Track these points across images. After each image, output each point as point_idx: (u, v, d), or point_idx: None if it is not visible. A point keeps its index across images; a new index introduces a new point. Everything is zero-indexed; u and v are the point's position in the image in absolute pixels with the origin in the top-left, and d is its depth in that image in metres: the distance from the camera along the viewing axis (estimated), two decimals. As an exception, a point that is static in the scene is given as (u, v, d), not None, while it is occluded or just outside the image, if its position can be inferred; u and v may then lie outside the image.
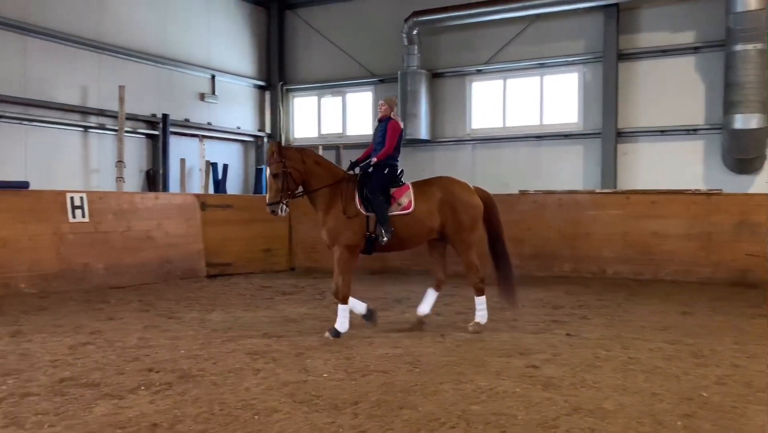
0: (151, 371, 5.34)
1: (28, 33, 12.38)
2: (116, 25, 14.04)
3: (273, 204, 6.62)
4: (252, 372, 5.31)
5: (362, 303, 7.08)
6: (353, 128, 17.69)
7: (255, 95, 18.01)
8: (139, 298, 9.42)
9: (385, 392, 4.76)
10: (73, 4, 13.23)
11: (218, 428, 4.01)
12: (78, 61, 13.32)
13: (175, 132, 15.18)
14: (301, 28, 18.06)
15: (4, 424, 4.07)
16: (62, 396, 4.64)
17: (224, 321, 7.62)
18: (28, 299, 9.02)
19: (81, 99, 13.45)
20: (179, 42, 15.50)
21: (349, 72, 17.27)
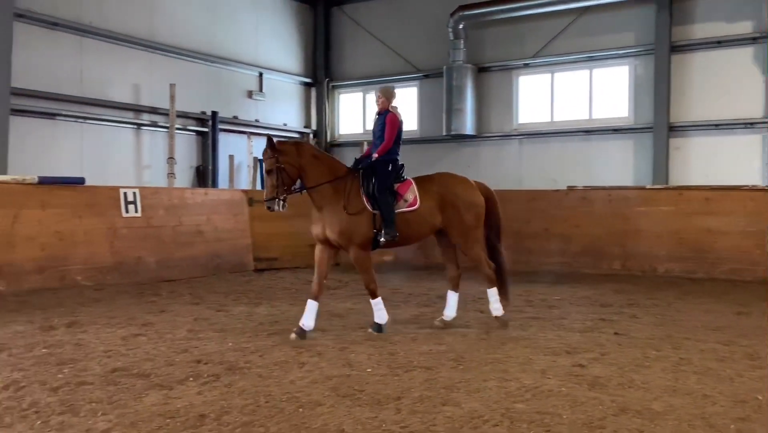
0: (199, 363, 5.47)
1: (85, 34, 12.80)
2: (167, 25, 14.38)
3: (269, 200, 6.44)
4: (297, 365, 5.38)
5: (313, 319, 6.53)
6: (398, 124, 17.67)
7: (301, 92, 18.19)
8: (189, 291, 9.64)
9: (427, 388, 4.76)
10: (127, 4, 13.61)
11: (263, 420, 4.08)
12: (131, 61, 13.70)
13: (224, 129, 15.48)
14: (346, 25, 18.15)
15: (60, 411, 4.23)
16: (114, 385, 4.79)
17: (271, 315, 7.74)
18: (83, 291, 9.34)
19: (134, 97, 13.83)
20: (228, 40, 15.78)
21: (394, 68, 17.26)
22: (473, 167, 16.25)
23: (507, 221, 13.05)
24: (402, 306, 8.44)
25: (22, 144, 11.52)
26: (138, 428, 3.93)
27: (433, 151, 16.77)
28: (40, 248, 9.59)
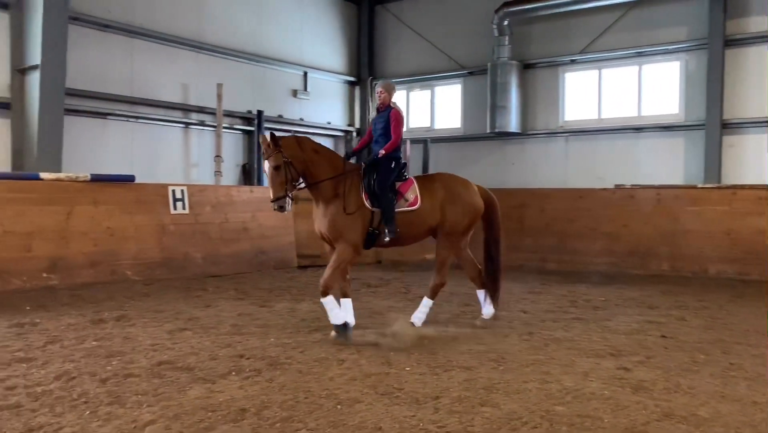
0: (242, 358, 5.56)
1: (135, 35, 13.15)
2: (215, 26, 14.65)
3: (279, 199, 6.06)
4: (337, 362, 5.42)
5: (348, 314, 6.45)
6: (441, 122, 17.62)
7: (345, 91, 18.29)
8: (234, 286, 9.81)
9: (467, 388, 4.73)
10: (176, 6, 13.92)
11: (302, 416, 4.13)
12: (180, 61, 14.02)
13: (269, 127, 15.66)
14: (390, 23, 18.17)
15: (108, 402, 4.37)
16: (160, 378, 4.92)
17: (312, 311, 7.81)
18: (133, 286, 9.61)
19: (182, 97, 14.15)
20: (273, 40, 15.98)
21: (438, 65, 17.20)
22: (518, 165, 16.09)
23: (552, 220, 13.07)
24: (443, 305, 8.39)
25: (76, 143, 11.92)
26: (181, 421, 4.03)
27: (476, 149, 16.65)
28: (92, 243, 9.91)
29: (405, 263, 12.85)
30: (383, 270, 12.18)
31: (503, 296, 7.48)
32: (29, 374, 4.97)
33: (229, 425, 3.98)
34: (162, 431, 3.87)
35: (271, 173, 6.07)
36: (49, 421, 3.99)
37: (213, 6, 14.65)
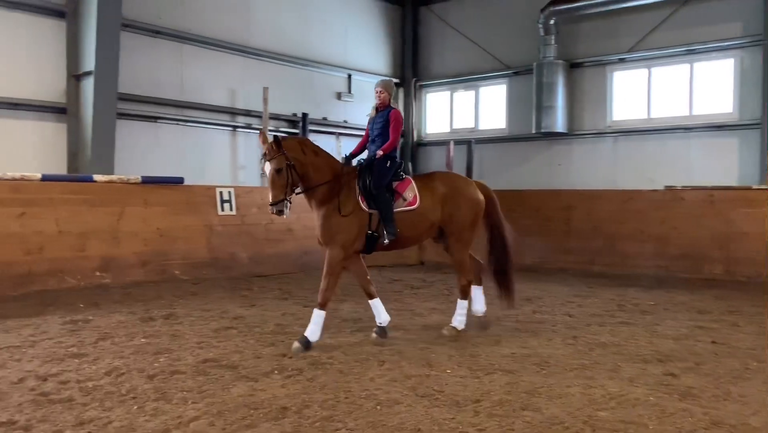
0: (284, 357, 5.64)
1: (185, 41, 13.46)
2: (261, 30, 14.89)
3: (278, 203, 5.85)
4: (377, 363, 5.44)
5: (381, 314, 6.46)
6: (486, 122, 17.47)
7: (389, 92, 18.31)
8: (279, 286, 9.96)
9: (508, 392, 4.69)
10: (224, 12, 14.20)
11: (342, 416, 4.16)
12: (227, 65, 14.29)
13: (314, 130, 15.83)
14: (434, 24, 18.12)
15: (155, 397, 4.50)
16: (205, 376, 5.04)
17: (354, 312, 7.86)
18: (181, 285, 9.85)
19: (230, 100, 14.42)
20: (318, 43, 16.14)
21: (483, 65, 17.06)
22: (564, 166, 15.82)
23: (600, 221, 12.81)
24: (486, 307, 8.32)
25: (128, 146, 12.28)
26: (224, 418, 4.11)
27: (522, 150, 16.45)
28: (142, 243, 10.21)
29: (448, 265, 12.76)
30: (426, 272, 12.16)
31: (551, 298, 7.36)
32: (81, 370, 5.16)
33: (270, 422, 4.04)
34: (206, 427, 3.96)
35: (272, 176, 5.87)
36: (99, 415, 4.13)
37: (260, 11, 14.89)
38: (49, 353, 5.68)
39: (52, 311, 7.58)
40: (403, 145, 18.31)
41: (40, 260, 8.99)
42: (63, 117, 11.65)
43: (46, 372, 5.06)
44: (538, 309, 8.26)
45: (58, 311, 7.59)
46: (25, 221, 8.90)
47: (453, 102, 18.08)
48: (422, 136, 18.61)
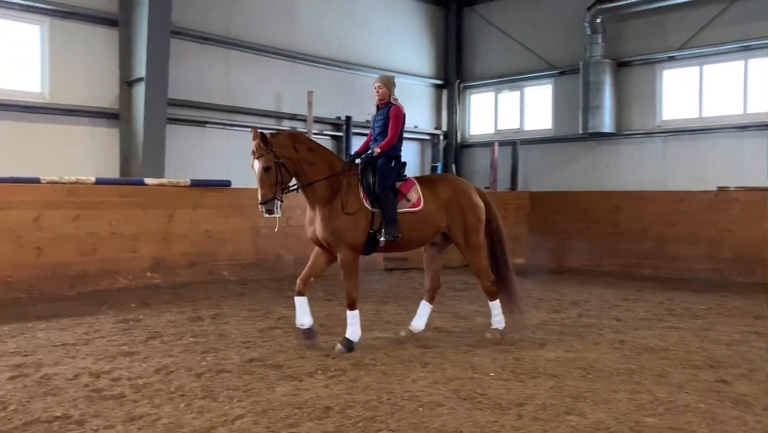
0: (328, 357, 5.70)
1: (232, 46, 13.74)
2: (306, 35, 15.07)
3: (268, 202, 5.68)
4: (420, 365, 5.44)
5: (308, 315, 6.14)
6: (531, 123, 17.27)
7: (432, 94, 18.31)
8: (323, 288, 10.04)
9: (552, 396, 4.63)
10: (269, 17, 14.44)
11: (384, 417, 4.18)
12: (273, 70, 14.52)
13: (357, 133, 15.93)
14: (478, 25, 18.02)
15: (202, 395, 4.60)
16: (250, 375, 5.13)
17: (397, 313, 7.88)
18: (229, 285, 10.05)
19: (275, 104, 14.64)
20: (361, 46, 16.24)
21: (528, 66, 16.88)
22: (612, 166, 15.51)
23: (649, 223, 12.51)
24: (531, 311, 8.22)
25: (177, 150, 12.61)
26: (268, 416, 4.18)
27: (568, 151, 16.20)
28: (191, 245, 10.46)
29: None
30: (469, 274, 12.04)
31: (599, 302, 7.23)
32: (132, 367, 5.32)
33: (313, 422, 4.09)
34: (250, 425, 4.04)
35: (260, 174, 5.68)
36: (149, 412, 4.25)
37: (304, 16, 15.08)
38: (102, 350, 5.88)
39: (105, 310, 7.84)
40: (447, 146, 18.27)
41: (93, 261, 9.30)
42: (115, 122, 12.04)
43: (99, 369, 5.23)
44: (584, 313, 8.12)
45: (110, 310, 7.84)
46: (80, 223, 9.22)
47: (498, 103, 17.93)
48: (466, 137, 18.52)
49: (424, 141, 18.21)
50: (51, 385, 4.81)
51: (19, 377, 4.98)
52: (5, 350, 5.84)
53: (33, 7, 11.01)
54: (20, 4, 10.85)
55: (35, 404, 4.37)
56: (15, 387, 4.74)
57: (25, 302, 8.16)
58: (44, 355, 5.69)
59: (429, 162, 18.14)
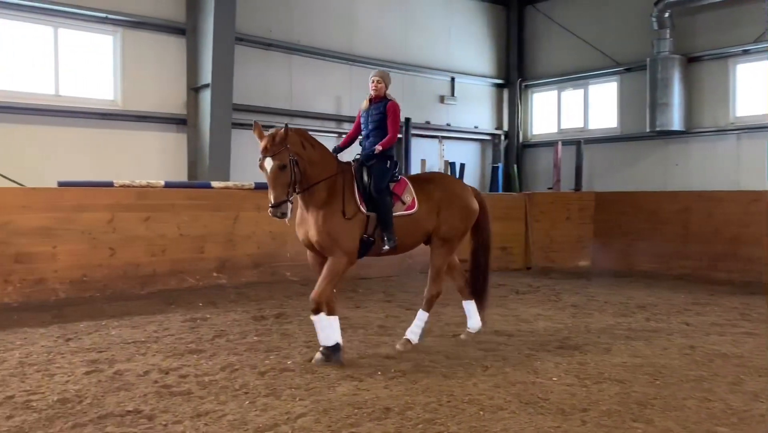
0: (387, 358, 5.72)
1: (294, 52, 13.99)
2: (365, 38, 15.19)
3: (281, 204, 5.25)
4: (481, 368, 5.39)
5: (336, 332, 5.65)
6: (596, 122, 16.84)
7: (493, 94, 18.11)
8: (382, 289, 10.11)
9: (618, 402, 4.50)
10: (330, 22, 14.63)
11: (444, 419, 4.16)
12: (333, 74, 14.69)
13: (416, 134, 15.94)
14: (540, 23, 17.72)
15: (265, 393, 4.70)
16: (312, 374, 5.21)
17: (457, 316, 7.81)
18: (291, 286, 10.22)
19: (335, 108, 14.82)
20: (421, 48, 16.24)
21: (592, 63, 16.47)
22: (682, 166, 14.96)
23: (721, 224, 11.99)
24: (596, 314, 8.05)
25: (242, 153, 12.90)
26: (329, 415, 4.23)
27: (635, 150, 15.72)
28: (255, 246, 10.70)
29: (556, 270, 12.46)
30: (533, 276, 11.90)
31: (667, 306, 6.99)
32: (199, 365, 5.49)
33: (373, 422, 4.12)
34: (312, 424, 4.10)
35: (274, 174, 5.27)
36: (214, 408, 4.38)
37: (363, 19, 15.20)
38: (170, 348, 6.09)
39: (174, 309, 8.12)
40: (508, 146, 18.04)
41: (162, 261, 9.63)
42: (183, 128, 12.46)
43: (168, 366, 5.43)
44: (652, 317, 7.86)
45: (179, 309, 8.11)
46: (150, 224, 9.57)
47: (561, 101, 17.58)
48: (528, 137, 18.23)
49: (484, 141, 18.04)
50: (123, 380, 5.02)
51: (93, 373, 5.22)
52: (81, 346, 6.14)
53: (107, 19, 11.53)
54: (96, 16, 11.38)
55: (109, 399, 4.57)
56: (90, 382, 4.97)
57: (99, 300, 8.53)
58: (117, 351, 5.94)
59: (489, 163, 17.96)
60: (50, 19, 11.08)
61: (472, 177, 17.46)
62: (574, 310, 8.33)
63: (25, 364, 5.48)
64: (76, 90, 11.41)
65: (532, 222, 13.10)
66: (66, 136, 11.16)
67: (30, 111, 10.77)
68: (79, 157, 11.15)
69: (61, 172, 10.50)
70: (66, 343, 6.28)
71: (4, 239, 8.23)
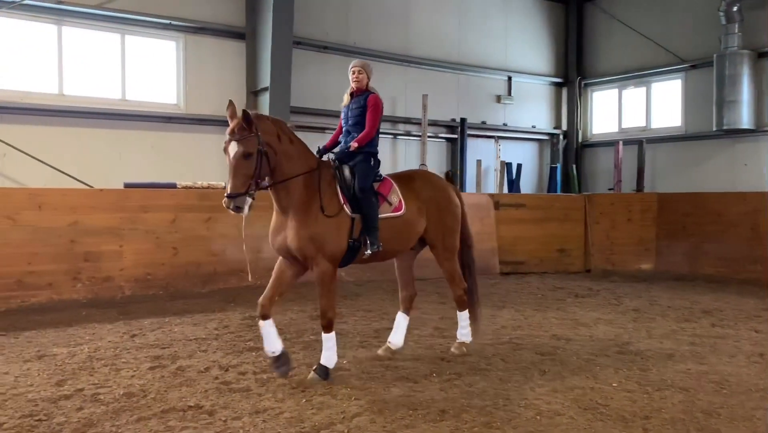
0: (442, 360, 5.70)
1: (350, 54, 14.06)
2: (420, 39, 15.18)
3: (237, 196, 4.68)
4: (538, 372, 5.31)
5: (277, 341, 5.18)
6: (659, 120, 16.32)
7: (551, 93, 17.79)
8: (437, 291, 10.04)
9: (682, 410, 4.35)
10: (385, 23, 14.69)
11: (500, 423, 4.11)
12: (388, 75, 14.73)
13: (472, 135, 15.82)
14: (600, 20, 17.30)
15: (321, 392, 4.76)
16: (366, 374, 5.23)
17: (514, 319, 7.73)
18: (346, 286, 10.30)
19: (391, 109, 14.84)
20: (477, 47, 16.11)
21: (655, 60, 15.97)
22: (751, 166, 14.33)
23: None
24: (658, 319, 7.80)
25: (299, 155, 13.13)
26: (384, 416, 4.25)
27: (701, 149, 15.15)
28: (311, 246, 10.83)
29: (616, 273, 12.14)
30: (592, 279, 11.62)
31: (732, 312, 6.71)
32: (258, 362, 5.60)
33: (429, 424, 4.11)
34: (367, 423, 4.12)
35: (236, 161, 4.75)
36: (272, 405, 4.46)
37: (419, 20, 15.19)
38: (230, 345, 6.24)
39: (233, 308, 8.31)
40: (567, 146, 17.69)
41: (223, 261, 9.88)
42: (243, 131, 12.72)
43: (228, 363, 5.56)
44: (718, 322, 7.56)
45: (238, 308, 8.30)
46: (211, 225, 9.83)
47: (622, 100, 17.13)
48: (588, 137, 17.83)
49: (542, 141, 17.74)
50: (185, 376, 5.17)
51: (157, 368, 5.40)
52: (146, 343, 6.35)
53: (170, 25, 11.92)
54: (160, 22, 11.78)
55: (171, 394, 4.71)
56: (154, 377, 5.14)
57: (163, 298, 8.82)
58: (179, 348, 6.12)
59: (547, 163, 17.66)
60: (118, 26, 11.53)
61: (530, 177, 17.22)
62: (635, 314, 8.09)
63: (93, 358, 5.72)
64: (142, 94, 11.84)
65: (592, 224, 12.80)
66: (131, 139, 11.59)
67: (98, 115, 11.24)
68: (143, 159, 11.56)
69: (127, 174, 10.92)
70: (131, 339, 6.52)
71: (74, 238, 8.61)
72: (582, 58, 17.71)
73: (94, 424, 4.10)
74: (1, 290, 8.06)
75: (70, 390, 4.78)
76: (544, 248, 12.46)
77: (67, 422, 4.12)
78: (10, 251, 8.18)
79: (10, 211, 8.27)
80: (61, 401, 4.54)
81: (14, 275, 8.16)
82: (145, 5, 11.59)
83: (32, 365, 5.49)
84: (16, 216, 8.29)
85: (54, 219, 8.51)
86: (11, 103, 10.48)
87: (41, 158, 10.32)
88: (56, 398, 4.58)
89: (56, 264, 8.41)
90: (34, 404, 4.47)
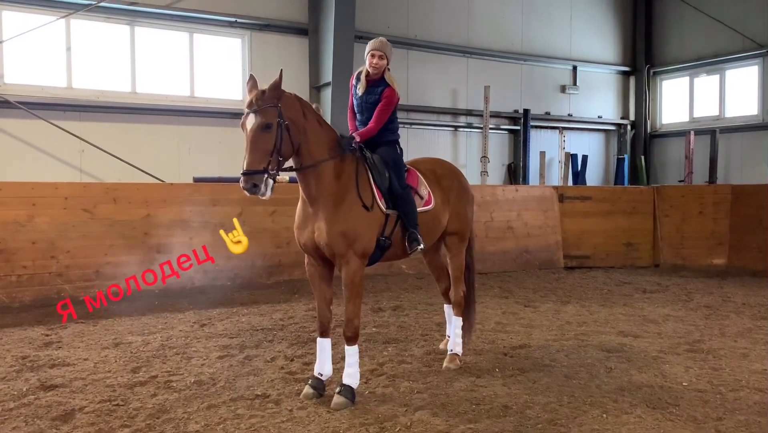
0: (505, 356, 5.66)
1: (411, 47, 14.09)
2: (482, 29, 15.01)
3: (254, 173, 4.08)
4: (604, 370, 5.20)
5: (329, 362, 4.74)
6: (733, 109, 15.60)
7: (618, 82, 17.27)
8: (499, 285, 9.97)
9: (757, 412, 4.18)
10: (447, 15, 14.59)
11: (565, 420, 4.06)
12: (449, 67, 14.65)
13: (535, 126, 15.56)
14: (670, 5, 16.64)
15: (384, 384, 4.81)
16: (428, 368, 5.26)
17: (578, 314, 7.59)
18: (407, 279, 10.35)
19: (452, 101, 14.77)
20: (540, 37, 15.80)
21: (730, 46, 15.26)
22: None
23: None
24: (732, 316, 7.50)
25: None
26: (447, 410, 4.26)
27: (779, 139, 14.42)
28: (373, 239, 10.93)
29: (687, 268, 11.71)
30: (661, 275, 11.25)
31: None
32: (321, 353, 5.69)
33: (492, 419, 4.09)
34: (430, 417, 4.14)
35: (254, 134, 4.14)
36: (331, 394, 4.53)
37: (481, 11, 15.01)
38: (295, 336, 6.39)
39: (297, 299, 8.49)
40: (635, 137, 17.16)
41: (287, 253, 10.07)
42: (306, 125, 12.93)
43: (293, 353, 5.69)
44: (798, 321, 7.20)
45: (302, 299, 8.47)
46: (276, 217, 10.04)
47: (693, 88, 16.47)
48: (657, 127, 17.24)
49: (609, 132, 17.28)
50: (252, 366, 5.33)
51: (226, 357, 5.59)
52: (215, 332, 6.58)
53: (236, 23, 12.21)
54: (226, 20, 12.10)
55: (239, 382, 4.87)
56: (223, 366, 5.32)
57: (230, 288, 9.08)
58: (246, 338, 6.31)
59: (614, 154, 17.19)
60: (186, 25, 11.91)
61: (596, 169, 16.81)
62: (707, 311, 7.80)
63: (166, 347, 5.96)
64: (209, 91, 12.19)
65: (661, 217, 12.38)
66: (200, 135, 11.97)
67: (168, 112, 11.66)
68: (211, 154, 11.91)
69: (196, 169, 11.29)
70: (201, 328, 6.76)
71: (147, 231, 8.97)
72: (650, 46, 17.11)
73: (167, 410, 4.28)
74: (81, 280, 8.49)
75: (144, 377, 5.00)
76: (611, 241, 12.14)
77: (143, 408, 4.31)
78: (88, 242, 8.60)
79: (88, 204, 8.68)
80: (136, 387, 4.76)
81: (93, 266, 8.57)
82: (212, 4, 11.93)
83: (109, 352, 5.78)
84: (93, 210, 8.70)
85: (128, 212, 8.88)
86: (88, 102, 11.01)
87: (116, 154, 10.79)
88: (132, 384, 4.81)
89: (131, 255, 8.78)
90: (112, 389, 4.71)
